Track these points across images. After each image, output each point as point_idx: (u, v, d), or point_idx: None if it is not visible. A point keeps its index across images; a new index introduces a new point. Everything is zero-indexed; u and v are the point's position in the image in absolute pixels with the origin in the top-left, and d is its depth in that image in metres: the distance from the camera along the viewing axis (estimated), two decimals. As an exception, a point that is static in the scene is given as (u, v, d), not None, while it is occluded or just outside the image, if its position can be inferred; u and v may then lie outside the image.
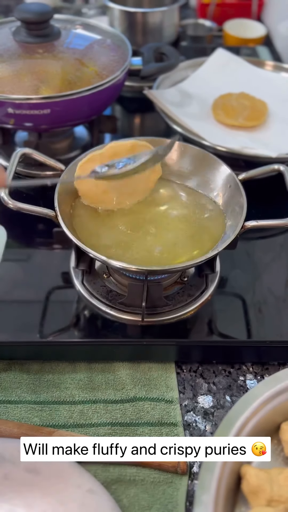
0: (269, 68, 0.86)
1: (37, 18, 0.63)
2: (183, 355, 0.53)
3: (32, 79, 0.62)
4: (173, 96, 0.77)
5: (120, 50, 0.70)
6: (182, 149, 0.57)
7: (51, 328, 0.51)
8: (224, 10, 1.19)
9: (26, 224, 0.62)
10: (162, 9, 0.90)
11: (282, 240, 0.63)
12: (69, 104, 0.61)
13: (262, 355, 0.53)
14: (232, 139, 0.70)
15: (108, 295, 0.53)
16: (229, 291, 0.56)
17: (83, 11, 1.30)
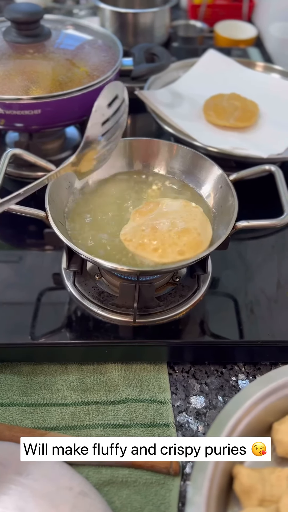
0: (259, 69, 0.87)
1: (27, 18, 0.63)
2: (175, 355, 0.53)
3: (23, 80, 0.61)
4: (164, 97, 0.77)
5: (111, 50, 0.70)
6: (173, 149, 0.57)
7: (42, 330, 0.51)
8: (215, 11, 1.20)
9: (17, 225, 0.61)
10: (153, 10, 0.90)
11: (274, 240, 0.63)
12: (60, 105, 0.61)
13: (254, 355, 0.53)
14: (223, 139, 0.70)
15: (100, 296, 0.53)
16: (221, 292, 0.56)
17: (74, 12, 1.30)
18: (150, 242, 0.46)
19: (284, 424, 0.39)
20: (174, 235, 0.46)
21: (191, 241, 0.46)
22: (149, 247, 0.46)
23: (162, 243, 0.46)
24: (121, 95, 0.48)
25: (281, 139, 0.71)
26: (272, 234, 0.64)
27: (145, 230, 0.47)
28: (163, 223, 0.47)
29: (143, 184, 0.56)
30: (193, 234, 0.47)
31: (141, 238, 0.46)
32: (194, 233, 0.47)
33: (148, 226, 0.47)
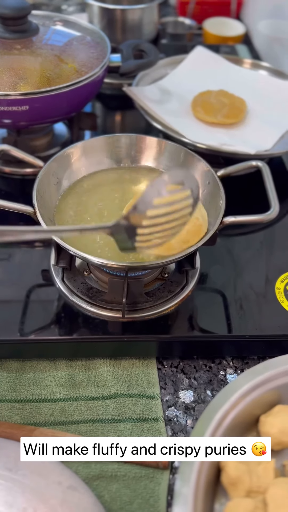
0: (247, 66, 0.87)
1: (14, 14, 0.63)
2: (164, 351, 0.53)
3: (10, 75, 0.61)
4: (153, 93, 0.77)
5: (99, 47, 0.69)
6: (160, 145, 0.57)
7: (31, 326, 0.51)
8: (203, 8, 1.20)
9: (5, 221, 0.61)
10: (141, 6, 0.90)
11: (262, 236, 0.64)
12: (48, 101, 0.61)
13: (242, 349, 0.53)
14: (211, 136, 0.70)
15: (89, 292, 0.53)
16: (209, 287, 0.56)
17: (63, 8, 1.29)
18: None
19: (271, 416, 0.40)
20: None
21: (191, 227, 0.46)
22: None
23: None
24: (193, 190, 0.39)
25: (269, 135, 0.71)
26: (260, 230, 0.64)
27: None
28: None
29: (131, 180, 0.56)
30: (192, 220, 0.47)
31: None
32: (193, 219, 0.46)
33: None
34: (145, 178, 0.57)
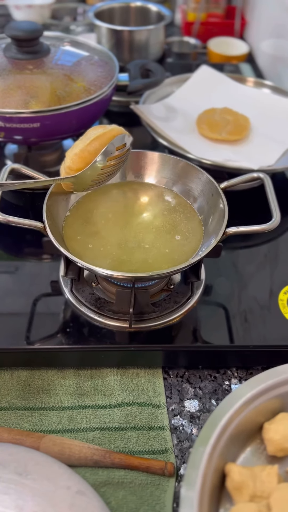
0: (251, 84, 0.90)
1: (27, 36, 0.65)
2: (170, 360, 0.54)
3: (22, 94, 0.63)
4: (159, 111, 0.79)
5: (107, 66, 0.72)
6: (164, 159, 0.59)
7: (40, 336, 0.52)
8: (208, 28, 1.23)
9: (16, 234, 0.63)
10: (148, 27, 0.93)
11: (266, 249, 0.65)
12: (58, 118, 0.63)
13: (246, 360, 0.54)
14: (215, 152, 0.72)
15: (97, 303, 0.54)
16: (214, 298, 0.57)
17: (71, 28, 1.33)
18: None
19: (274, 423, 0.41)
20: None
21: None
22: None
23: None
24: (128, 145, 0.53)
25: (271, 151, 0.73)
26: (264, 243, 0.66)
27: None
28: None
29: (135, 194, 0.58)
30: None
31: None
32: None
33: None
34: (148, 191, 0.58)
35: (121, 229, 0.53)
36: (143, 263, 0.50)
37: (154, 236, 0.53)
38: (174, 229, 0.54)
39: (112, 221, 0.54)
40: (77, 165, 0.51)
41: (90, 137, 0.51)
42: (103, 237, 0.52)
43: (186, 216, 0.55)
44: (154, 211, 0.56)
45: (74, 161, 0.51)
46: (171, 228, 0.54)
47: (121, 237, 0.52)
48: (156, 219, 0.55)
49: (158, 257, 0.50)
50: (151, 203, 0.57)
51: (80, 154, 0.51)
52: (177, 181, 0.58)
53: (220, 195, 0.53)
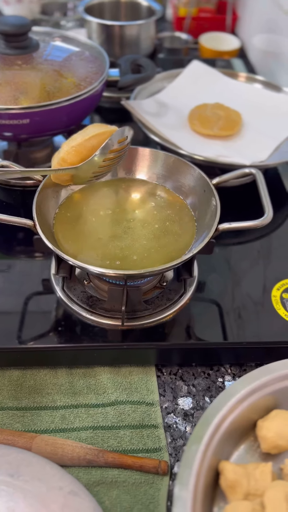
0: (243, 79, 0.89)
1: (15, 31, 0.65)
2: (163, 358, 0.54)
3: (12, 90, 0.63)
4: (150, 107, 0.78)
5: (97, 61, 0.71)
6: (155, 155, 0.58)
7: (32, 335, 0.52)
8: (199, 23, 1.23)
9: (7, 232, 0.62)
10: (139, 22, 0.92)
11: (258, 245, 0.65)
12: (48, 114, 0.62)
13: (239, 356, 0.54)
14: (207, 148, 0.72)
15: (89, 301, 0.54)
16: (206, 295, 0.57)
17: (62, 23, 1.32)
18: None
19: (268, 421, 0.41)
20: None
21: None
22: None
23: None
24: (129, 139, 0.53)
25: (264, 147, 0.73)
26: (256, 240, 0.66)
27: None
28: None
29: (126, 189, 0.58)
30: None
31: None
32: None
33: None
34: (139, 187, 0.58)
35: (112, 226, 0.53)
36: (135, 260, 0.49)
37: (146, 233, 0.52)
38: (166, 225, 0.53)
39: (103, 218, 0.54)
40: (71, 159, 0.50)
41: (90, 133, 0.50)
42: (94, 234, 0.52)
43: (179, 213, 0.55)
44: (146, 207, 0.55)
45: (70, 153, 0.50)
46: (163, 224, 0.53)
47: (112, 234, 0.52)
48: (148, 215, 0.54)
49: (150, 254, 0.50)
50: (143, 199, 0.57)
51: (76, 148, 0.50)
52: (169, 177, 0.58)
53: (212, 191, 0.52)
